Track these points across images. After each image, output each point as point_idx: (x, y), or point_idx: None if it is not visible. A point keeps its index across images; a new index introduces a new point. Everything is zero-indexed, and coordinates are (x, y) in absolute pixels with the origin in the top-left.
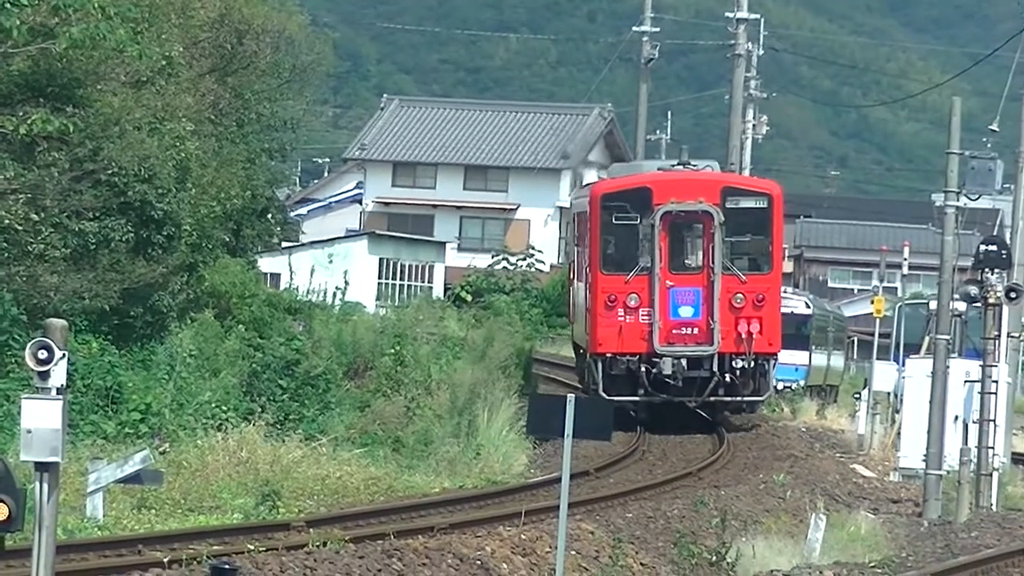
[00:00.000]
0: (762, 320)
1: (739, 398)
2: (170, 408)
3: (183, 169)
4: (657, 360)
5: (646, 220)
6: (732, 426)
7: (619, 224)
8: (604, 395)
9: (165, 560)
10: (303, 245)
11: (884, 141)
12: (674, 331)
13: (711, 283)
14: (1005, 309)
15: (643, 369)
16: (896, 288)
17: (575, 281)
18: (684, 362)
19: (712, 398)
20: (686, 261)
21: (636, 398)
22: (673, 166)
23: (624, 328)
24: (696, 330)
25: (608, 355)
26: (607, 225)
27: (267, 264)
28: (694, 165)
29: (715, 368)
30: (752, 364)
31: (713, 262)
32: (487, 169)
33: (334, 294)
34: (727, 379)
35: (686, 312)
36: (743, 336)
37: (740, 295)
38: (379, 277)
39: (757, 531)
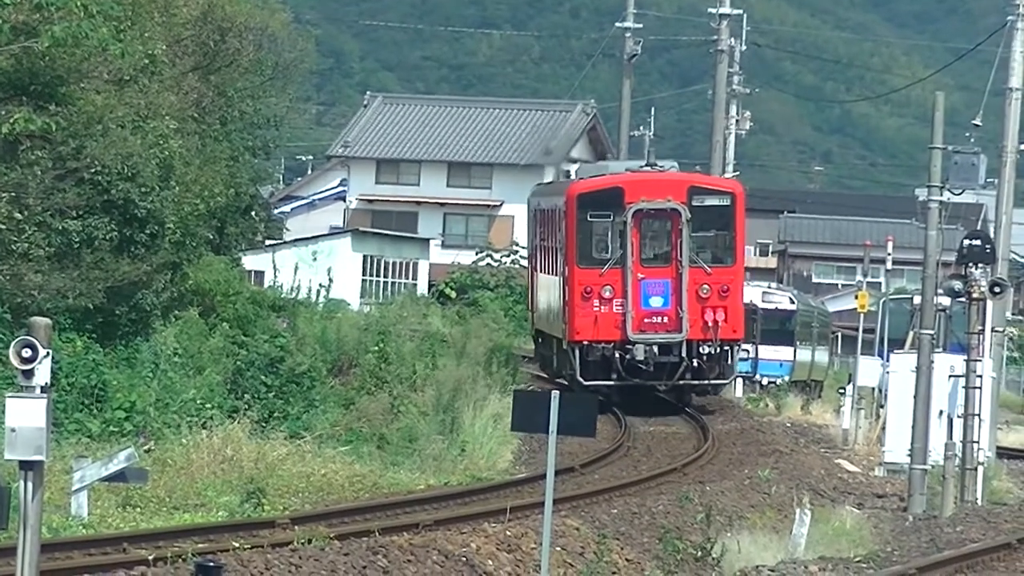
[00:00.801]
0: (727, 309)
1: (706, 381)
2: (155, 406)
3: (166, 167)
4: (630, 347)
5: (619, 217)
6: (711, 417)
7: (593, 221)
8: (581, 380)
9: (150, 558)
10: (287, 243)
11: (867, 136)
12: (646, 320)
13: (679, 275)
14: (989, 304)
15: (617, 355)
16: (880, 283)
17: (537, 273)
18: (655, 348)
19: (681, 382)
20: (656, 255)
21: (611, 382)
22: (641, 167)
23: (599, 318)
24: (666, 319)
25: (585, 343)
26: (582, 222)
27: (251, 262)
28: (660, 166)
29: (684, 354)
30: (718, 350)
31: (681, 256)
32: (470, 166)
33: (318, 291)
34: (695, 364)
35: (656, 302)
36: (709, 324)
37: (706, 286)
38: (363, 274)
39: (742, 526)
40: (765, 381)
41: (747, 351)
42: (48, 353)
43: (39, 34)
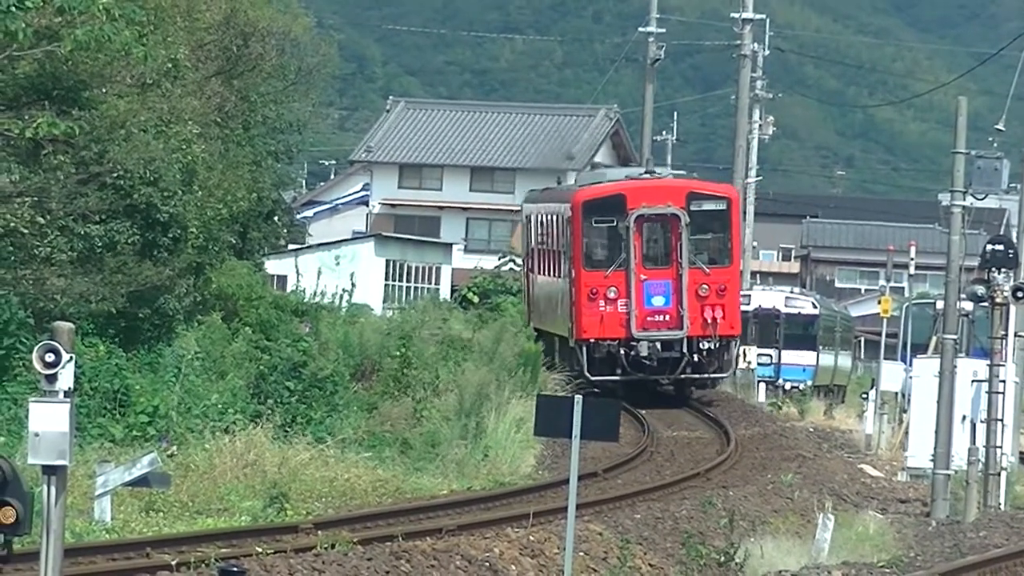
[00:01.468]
0: (724, 307)
1: (705, 375)
2: (177, 411)
3: (189, 172)
4: (634, 344)
5: (622, 223)
6: (734, 422)
7: (598, 226)
8: (588, 375)
9: (173, 563)
10: (310, 247)
11: (890, 141)
12: (648, 318)
13: (680, 276)
14: (1012, 308)
15: (622, 352)
16: (903, 288)
17: (535, 275)
18: (658, 345)
19: (682, 376)
20: (657, 257)
21: (616, 377)
22: (640, 174)
23: (605, 317)
24: (668, 317)
25: (591, 340)
26: (588, 228)
27: (274, 266)
28: (658, 173)
29: (685, 349)
30: (717, 345)
31: (681, 258)
32: (493, 170)
33: (341, 296)
34: (695, 359)
35: (658, 301)
36: (709, 321)
37: (705, 285)
38: (386, 279)
39: (765, 531)
40: (788, 386)
41: (769, 356)
42: (71, 358)
43: (62, 38)
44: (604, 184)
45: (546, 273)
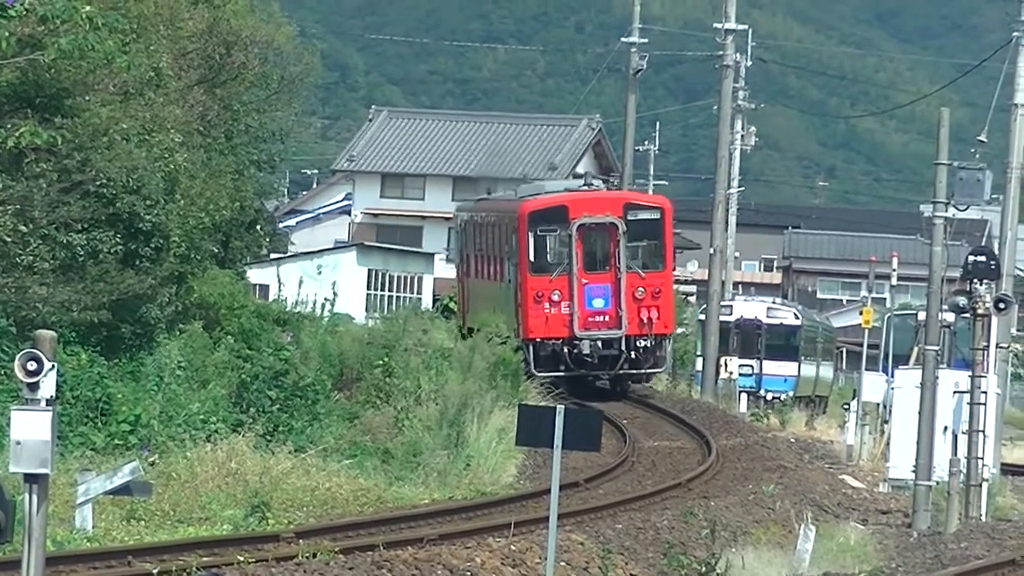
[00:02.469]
0: (659, 308)
1: (642, 371)
2: (159, 419)
3: (171, 180)
4: (577, 342)
5: (564, 231)
6: (715, 432)
7: (543, 234)
8: (534, 371)
9: (155, 572)
10: (292, 256)
11: (872, 151)
12: (590, 319)
13: (618, 280)
14: (994, 320)
15: (565, 350)
16: (885, 299)
17: (470, 279)
18: (599, 343)
19: (621, 371)
20: (597, 263)
21: (560, 373)
22: (579, 187)
23: (550, 318)
24: (607, 317)
25: (537, 340)
26: (533, 236)
27: (256, 275)
28: (596, 186)
29: (623, 347)
30: (652, 343)
31: (619, 263)
32: (476, 180)
33: (323, 305)
34: (632, 356)
35: (599, 303)
36: (645, 321)
37: (641, 288)
38: (368, 288)
39: (746, 542)
40: (770, 396)
41: (751, 366)
42: (53, 366)
43: (45, 46)
44: (548, 195)
45: (484, 277)
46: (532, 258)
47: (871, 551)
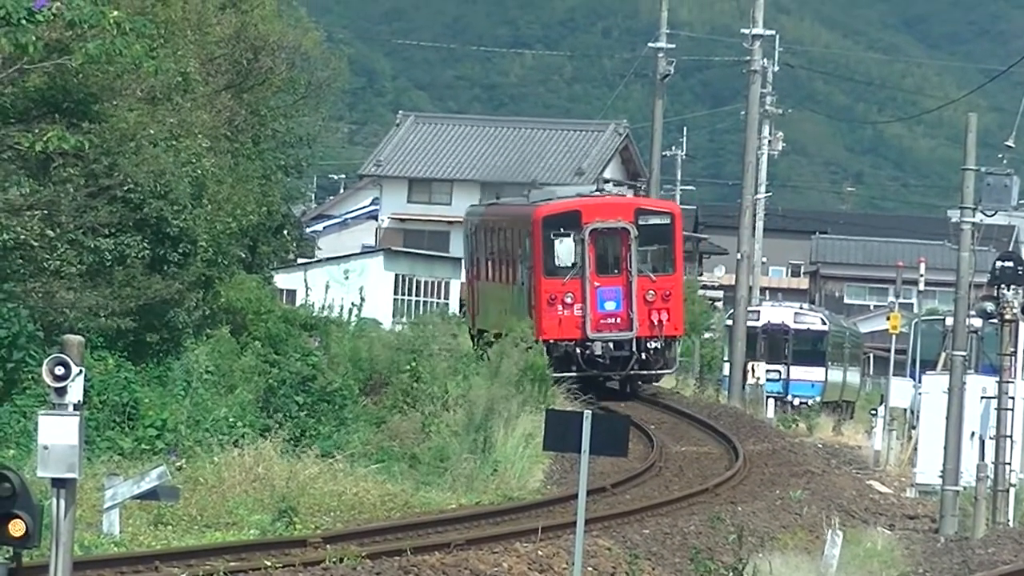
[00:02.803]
0: (669, 310)
1: (652, 372)
2: (186, 424)
3: (199, 185)
4: (589, 344)
5: (577, 236)
6: (742, 437)
7: (556, 239)
8: (547, 372)
9: None
10: (319, 261)
11: (900, 157)
12: (602, 321)
13: (629, 283)
14: (1022, 325)
15: (578, 351)
16: (912, 304)
17: (481, 281)
18: (611, 345)
19: (632, 372)
20: (609, 266)
21: (573, 373)
22: (591, 192)
23: (563, 320)
24: (619, 320)
25: (551, 341)
26: (547, 240)
27: (283, 280)
28: (607, 191)
29: (634, 349)
30: (662, 345)
31: (630, 267)
32: (503, 185)
33: (350, 310)
34: (643, 357)
35: (610, 306)
36: (655, 323)
37: (652, 291)
38: (395, 293)
39: (774, 547)
40: (797, 402)
41: (778, 372)
42: (81, 371)
43: (72, 51)
44: (562, 201)
45: (495, 280)
46: (546, 261)
47: (898, 556)
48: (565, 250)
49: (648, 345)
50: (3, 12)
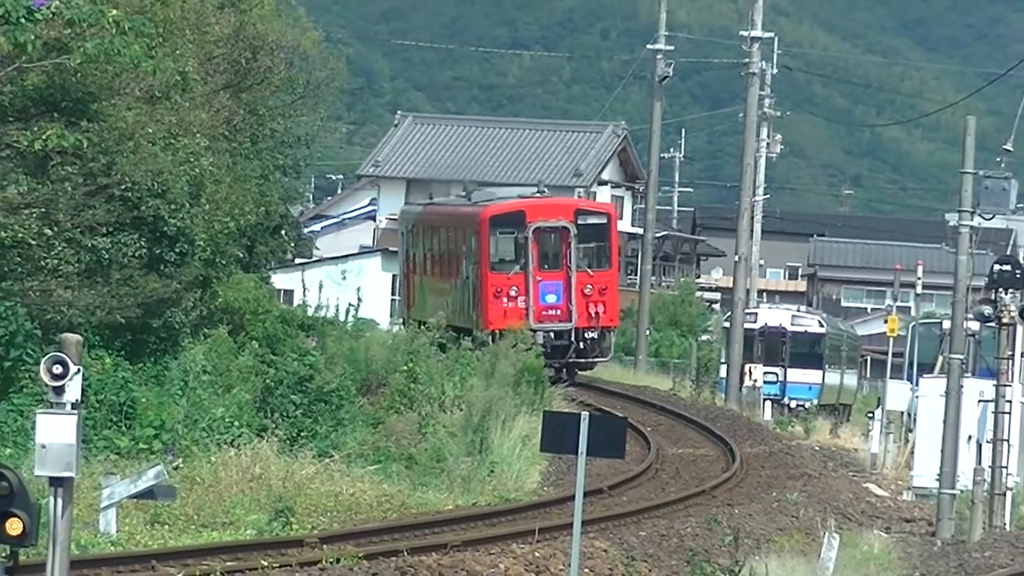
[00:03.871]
0: (605, 303)
1: (589, 359)
2: (183, 424)
3: (197, 185)
4: (532, 334)
5: (521, 234)
6: (739, 440)
7: (502, 236)
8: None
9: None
10: (317, 261)
11: (898, 160)
12: (543, 313)
13: (569, 278)
14: (1019, 329)
15: None
16: (910, 307)
17: (417, 276)
18: (551, 335)
19: (570, 360)
20: (550, 262)
21: None
22: (532, 194)
23: (507, 311)
24: (559, 312)
25: (497, 331)
26: (493, 238)
27: (280, 280)
28: (547, 194)
29: (573, 339)
30: (598, 335)
31: (570, 263)
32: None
33: (347, 311)
34: (581, 346)
35: (551, 299)
36: (592, 315)
37: (589, 285)
38: (392, 293)
39: (770, 550)
40: (793, 404)
41: (775, 374)
42: (79, 370)
43: (71, 50)
44: (507, 201)
45: (436, 275)
46: (492, 257)
47: (895, 559)
48: (510, 247)
49: (586, 335)
50: (2, 11)
